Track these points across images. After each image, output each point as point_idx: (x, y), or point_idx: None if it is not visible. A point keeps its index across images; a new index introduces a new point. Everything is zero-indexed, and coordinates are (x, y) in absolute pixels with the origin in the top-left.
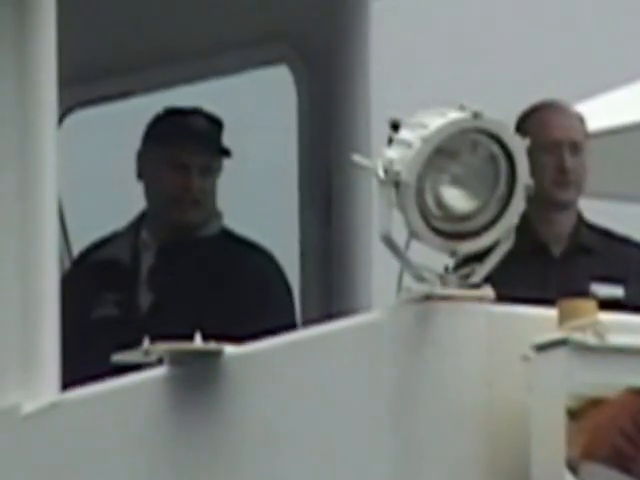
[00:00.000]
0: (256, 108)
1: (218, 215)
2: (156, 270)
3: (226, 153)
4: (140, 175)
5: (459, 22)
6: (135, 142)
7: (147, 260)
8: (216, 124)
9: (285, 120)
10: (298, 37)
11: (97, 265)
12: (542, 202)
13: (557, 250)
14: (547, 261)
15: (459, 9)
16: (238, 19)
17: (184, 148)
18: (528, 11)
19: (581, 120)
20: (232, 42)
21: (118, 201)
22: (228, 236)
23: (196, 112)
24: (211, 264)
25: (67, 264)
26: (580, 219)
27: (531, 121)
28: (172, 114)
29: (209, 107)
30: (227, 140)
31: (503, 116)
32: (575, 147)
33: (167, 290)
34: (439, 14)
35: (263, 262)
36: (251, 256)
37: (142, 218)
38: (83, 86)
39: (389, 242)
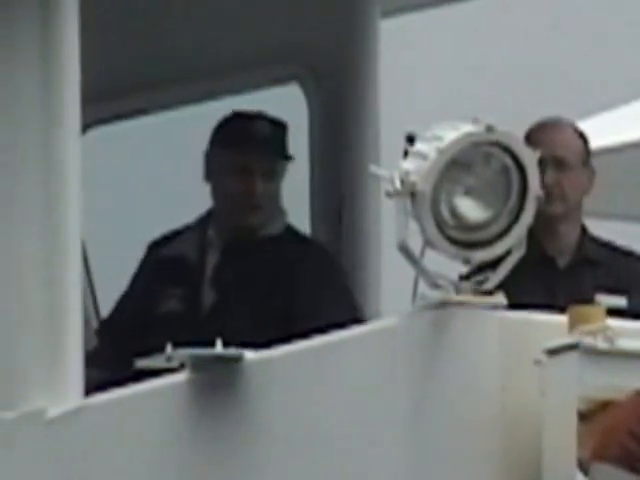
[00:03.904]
0: None
1: (283, 213)
2: (221, 268)
3: (289, 158)
4: (207, 176)
5: (467, 37)
6: (150, 159)
7: (212, 258)
8: (280, 128)
9: (297, 137)
10: (309, 56)
11: (164, 260)
12: (539, 216)
13: (562, 262)
14: (553, 273)
15: (468, 25)
16: (250, 39)
17: (248, 153)
18: (534, 26)
19: (579, 137)
20: (245, 61)
21: (132, 216)
22: (292, 234)
23: (261, 116)
24: (276, 262)
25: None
26: (585, 233)
27: (526, 139)
28: (237, 118)
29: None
30: None
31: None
32: (559, 163)
33: (231, 288)
34: (448, 31)
35: (326, 259)
36: (315, 253)
37: (210, 215)
38: (99, 104)
39: (405, 251)
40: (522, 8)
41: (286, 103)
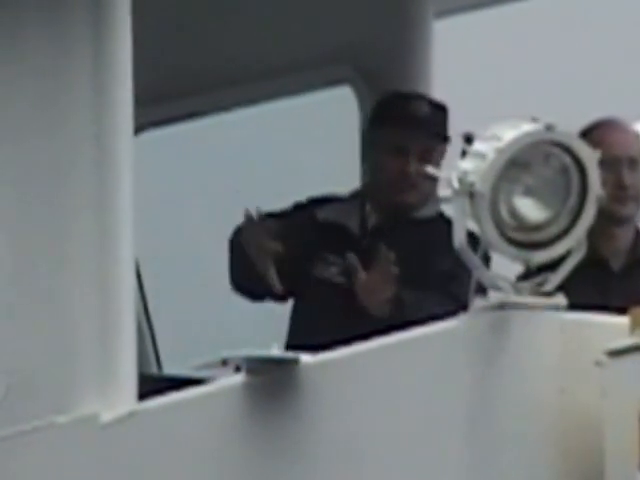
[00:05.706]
0: (320, 128)
1: (436, 198)
2: (373, 246)
3: (446, 140)
4: (363, 154)
5: (518, 38)
6: (203, 162)
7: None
8: (439, 110)
9: (348, 139)
10: (361, 58)
11: (325, 225)
12: (601, 217)
13: (616, 264)
14: (606, 275)
15: (518, 25)
16: (302, 41)
17: (405, 132)
18: (587, 29)
19: (637, 137)
20: (297, 64)
21: (179, 220)
22: (445, 219)
23: (420, 97)
24: (430, 244)
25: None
26: (638, 235)
27: (589, 138)
28: (396, 98)
29: (273, 128)
30: (291, 159)
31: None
32: (633, 163)
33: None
34: (500, 32)
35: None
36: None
37: (366, 189)
38: (151, 107)
39: (465, 252)
40: (570, 8)
41: (338, 105)
